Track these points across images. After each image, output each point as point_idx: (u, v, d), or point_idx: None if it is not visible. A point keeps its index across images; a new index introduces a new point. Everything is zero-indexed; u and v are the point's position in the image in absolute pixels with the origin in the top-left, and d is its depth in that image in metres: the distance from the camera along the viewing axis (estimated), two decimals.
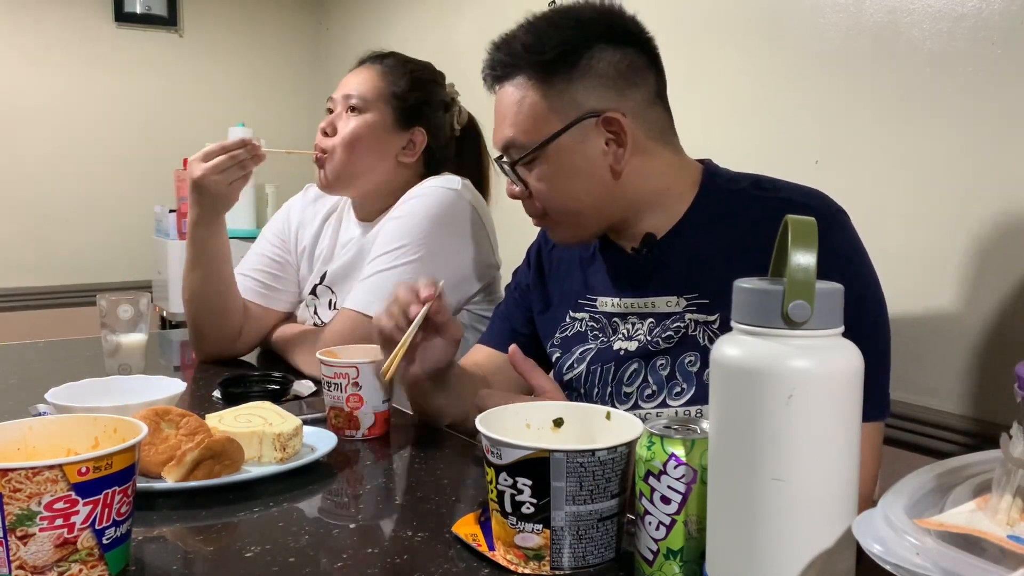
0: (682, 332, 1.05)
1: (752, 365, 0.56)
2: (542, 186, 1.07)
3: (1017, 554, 0.46)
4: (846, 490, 0.57)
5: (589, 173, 1.05)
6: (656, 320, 1.08)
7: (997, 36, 1.30)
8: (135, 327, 1.41)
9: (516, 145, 1.07)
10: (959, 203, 1.36)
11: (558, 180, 1.06)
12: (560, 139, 1.04)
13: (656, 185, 1.08)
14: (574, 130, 1.04)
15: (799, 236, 0.57)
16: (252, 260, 1.68)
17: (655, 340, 1.07)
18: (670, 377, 1.05)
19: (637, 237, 1.10)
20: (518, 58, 1.06)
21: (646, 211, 1.08)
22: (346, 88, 1.54)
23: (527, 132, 1.05)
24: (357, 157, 1.52)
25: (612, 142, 1.04)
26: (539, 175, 1.07)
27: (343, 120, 1.53)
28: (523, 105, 1.05)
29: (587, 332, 1.15)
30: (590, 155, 1.05)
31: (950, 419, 1.37)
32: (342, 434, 1.11)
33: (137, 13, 3.34)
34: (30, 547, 0.67)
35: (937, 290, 1.39)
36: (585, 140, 1.04)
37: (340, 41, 3.50)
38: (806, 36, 1.59)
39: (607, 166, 1.05)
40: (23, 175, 3.22)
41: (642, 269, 1.10)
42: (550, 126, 1.04)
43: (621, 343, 1.11)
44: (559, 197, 1.07)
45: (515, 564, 0.73)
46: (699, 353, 1.04)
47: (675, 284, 1.07)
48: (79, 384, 1.10)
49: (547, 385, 1.02)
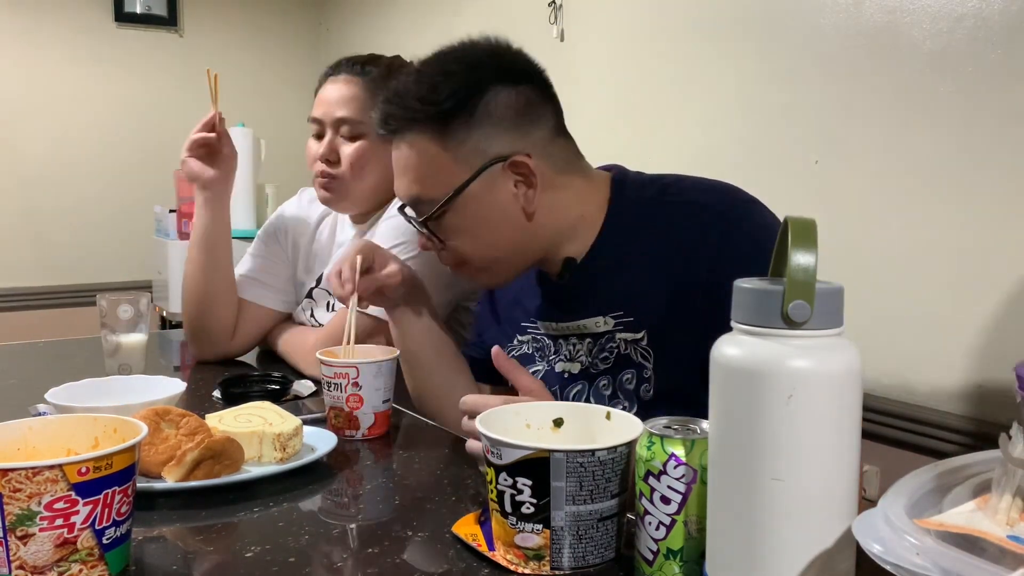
0: (616, 352, 1.05)
1: (752, 365, 0.56)
2: (456, 239, 1.05)
3: (1017, 554, 0.46)
4: (846, 490, 0.57)
5: (502, 219, 1.03)
6: (593, 339, 1.08)
7: (997, 36, 1.30)
8: (135, 327, 1.41)
9: (423, 201, 1.04)
10: (959, 203, 1.36)
11: (472, 230, 1.04)
12: (468, 189, 1.01)
13: (570, 215, 1.06)
14: (481, 178, 1.01)
15: (799, 236, 0.57)
16: (247, 261, 1.68)
17: (594, 361, 1.08)
18: (612, 397, 1.06)
19: (558, 265, 1.09)
20: (413, 112, 1.02)
21: (562, 242, 1.07)
22: (335, 110, 1.51)
23: (433, 187, 1.02)
24: (366, 179, 1.53)
25: (521, 184, 1.02)
26: (451, 228, 1.04)
27: (344, 146, 1.51)
28: (424, 159, 1.02)
29: (533, 354, 1.16)
30: (501, 201, 1.02)
31: (950, 419, 1.37)
32: (342, 434, 1.11)
33: (137, 13, 3.34)
34: (30, 547, 0.67)
35: (937, 290, 1.39)
36: (494, 186, 1.02)
37: (340, 41, 3.50)
38: (806, 36, 1.59)
39: (519, 209, 1.03)
40: (23, 175, 3.22)
41: (567, 293, 1.10)
42: (455, 177, 1.01)
43: (564, 364, 1.11)
44: (474, 247, 1.05)
45: (515, 564, 0.73)
46: (634, 370, 1.04)
47: (600, 304, 1.06)
48: (79, 384, 1.10)
49: (532, 385, 1.01)
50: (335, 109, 1.51)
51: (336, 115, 1.51)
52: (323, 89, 1.55)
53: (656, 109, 1.97)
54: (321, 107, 1.53)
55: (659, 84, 1.98)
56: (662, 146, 2.01)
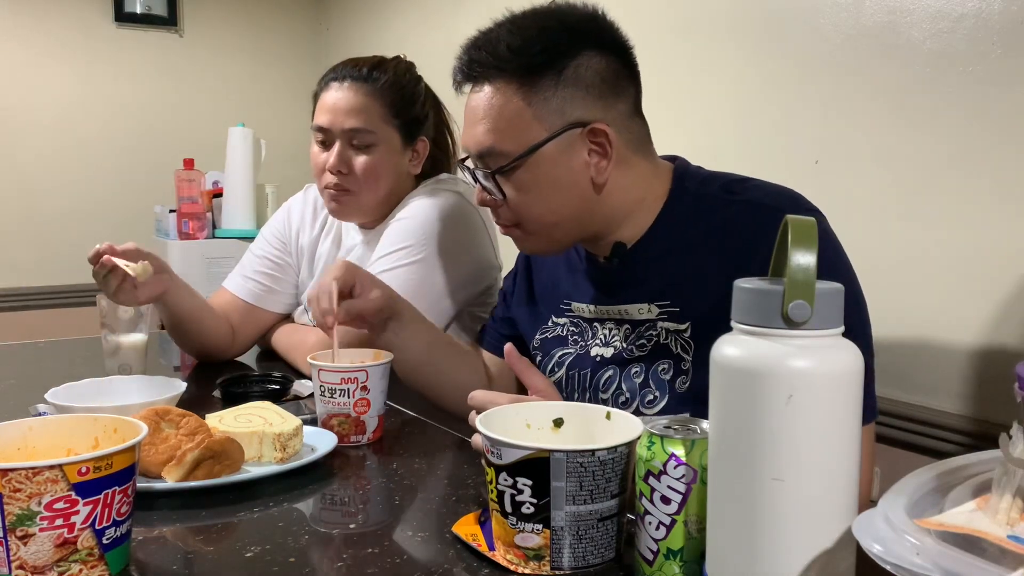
0: (655, 340, 1.04)
1: (752, 365, 0.56)
2: (520, 196, 1.03)
3: (1017, 554, 0.46)
4: (846, 490, 0.57)
5: (570, 184, 1.02)
6: (632, 327, 1.07)
7: (997, 36, 1.30)
8: (135, 327, 1.41)
9: (496, 153, 1.02)
10: (959, 202, 1.36)
11: (538, 191, 1.02)
12: (544, 149, 1.00)
13: (632, 197, 1.06)
14: (559, 140, 1.00)
15: (799, 236, 0.57)
16: (251, 262, 1.67)
17: (630, 348, 1.07)
18: (643, 385, 1.05)
19: (608, 247, 1.08)
20: (502, 60, 1.00)
21: (618, 223, 1.06)
22: (344, 120, 1.48)
23: (508, 140, 1.01)
24: (379, 189, 1.52)
25: (595, 153, 1.01)
26: (518, 185, 1.02)
27: (357, 157, 1.49)
28: (505, 111, 1.01)
29: (567, 336, 1.15)
30: (573, 166, 1.01)
31: (950, 419, 1.37)
32: (347, 440, 1.09)
33: (137, 13, 3.34)
34: (30, 547, 0.67)
35: (937, 290, 1.39)
36: (569, 150, 1.01)
37: (340, 41, 3.50)
38: (806, 36, 1.59)
39: (588, 178, 1.02)
40: (23, 175, 3.22)
41: (614, 278, 1.09)
42: (533, 134, 1.00)
43: (598, 349, 1.10)
44: (537, 208, 1.04)
45: (515, 564, 0.73)
46: (672, 361, 1.03)
47: (646, 292, 1.06)
48: (79, 384, 1.10)
49: (542, 384, 1.01)
50: (344, 119, 1.48)
51: (346, 126, 1.48)
52: (327, 95, 1.51)
53: (656, 109, 1.96)
54: (327, 115, 1.49)
55: (659, 84, 1.98)
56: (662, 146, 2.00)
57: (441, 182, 1.56)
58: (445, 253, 1.47)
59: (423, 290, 1.44)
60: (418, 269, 1.44)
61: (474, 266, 1.51)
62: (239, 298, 1.61)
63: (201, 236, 2.91)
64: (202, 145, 3.25)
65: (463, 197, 1.51)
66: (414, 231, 1.46)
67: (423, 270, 1.44)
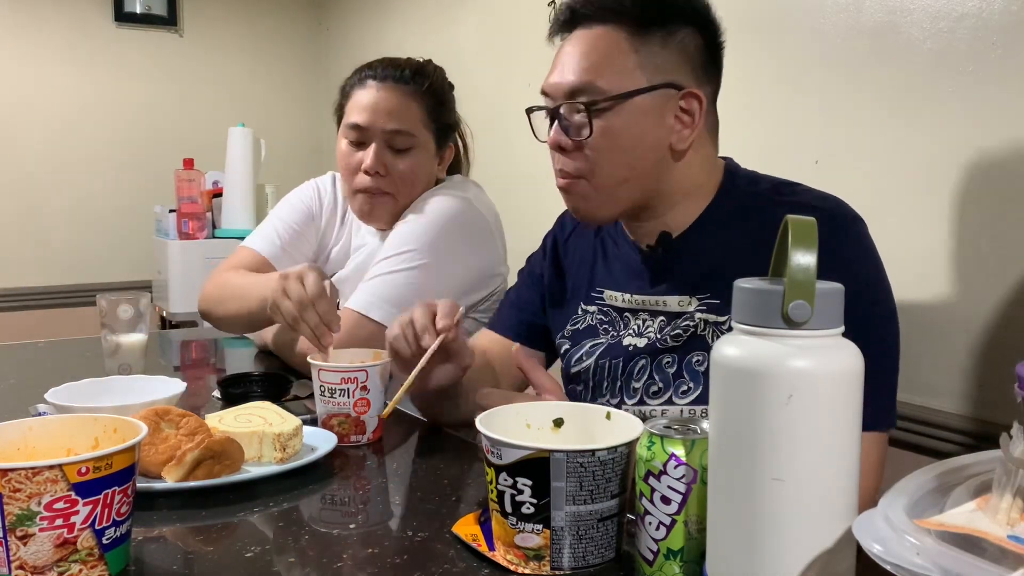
0: (691, 331, 1.04)
1: (752, 365, 0.56)
2: (603, 140, 1.03)
3: (1017, 554, 0.46)
4: (846, 490, 0.57)
5: (652, 142, 1.03)
6: (667, 318, 1.07)
7: (997, 36, 1.30)
8: (135, 327, 1.41)
9: (593, 89, 1.02)
10: (959, 203, 1.36)
11: (620, 139, 1.02)
12: (639, 97, 1.01)
13: (694, 178, 1.07)
14: (655, 94, 1.02)
15: (799, 236, 0.57)
16: (276, 225, 1.64)
17: (663, 338, 1.07)
18: (677, 375, 1.05)
19: (653, 233, 1.09)
20: (622, 5, 1.02)
21: (672, 203, 1.07)
22: (385, 121, 1.46)
23: (608, 79, 1.01)
24: (414, 193, 1.51)
25: (680, 120, 1.03)
26: (604, 127, 1.02)
27: (397, 161, 1.48)
28: (612, 52, 1.02)
29: (597, 326, 1.15)
30: (660, 125, 1.03)
31: (950, 419, 1.37)
32: (347, 440, 1.09)
33: (137, 13, 3.34)
34: (30, 547, 0.67)
35: (937, 290, 1.39)
36: (661, 109, 1.02)
37: (340, 41, 3.50)
38: (806, 36, 1.59)
39: (669, 143, 1.04)
40: (23, 175, 3.22)
41: (655, 267, 1.09)
42: (633, 81, 1.01)
43: (631, 339, 1.10)
44: (615, 158, 1.03)
45: (515, 564, 0.73)
46: (707, 352, 1.03)
47: (687, 284, 1.06)
48: (79, 384, 1.10)
49: (548, 383, 1.02)
50: (386, 120, 1.46)
51: (388, 127, 1.46)
52: (363, 93, 1.49)
53: None
54: (366, 114, 1.47)
55: None
56: None
57: (451, 186, 1.55)
58: (449, 259, 1.46)
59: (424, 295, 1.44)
60: (420, 274, 1.43)
61: (478, 272, 1.51)
62: (264, 257, 1.60)
63: (201, 236, 2.91)
64: (202, 145, 3.25)
65: (472, 203, 1.51)
66: (419, 235, 1.46)
67: (425, 275, 1.44)
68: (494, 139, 2.19)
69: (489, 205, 1.56)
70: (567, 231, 1.26)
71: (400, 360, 1.07)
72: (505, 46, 2.49)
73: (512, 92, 2.38)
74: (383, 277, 1.44)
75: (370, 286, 1.45)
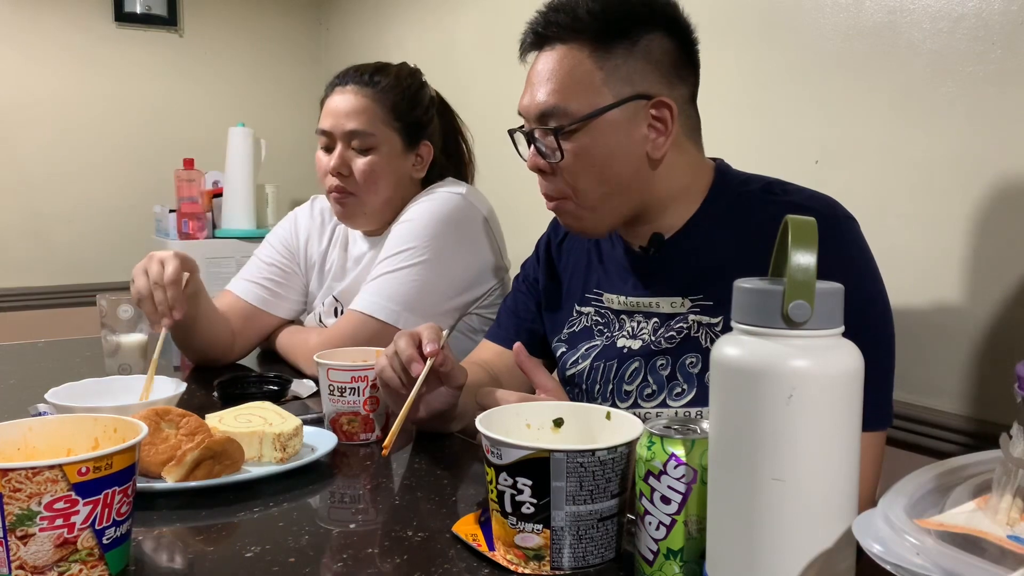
0: (684, 333, 1.04)
1: (752, 365, 0.56)
2: (577, 162, 1.03)
3: (1017, 554, 0.46)
4: (846, 490, 0.57)
5: (627, 155, 1.03)
6: (660, 320, 1.07)
7: (997, 36, 1.30)
8: (135, 327, 1.41)
9: (560, 113, 1.02)
10: (959, 203, 1.36)
11: (595, 157, 1.02)
12: (608, 114, 1.01)
13: (681, 182, 1.07)
14: (623, 108, 1.01)
15: (799, 236, 0.57)
16: (258, 267, 1.66)
17: (657, 340, 1.06)
18: (671, 377, 1.05)
19: (645, 236, 1.09)
20: (580, 23, 1.01)
21: (662, 208, 1.07)
22: (345, 122, 1.49)
23: (574, 100, 1.01)
24: (380, 192, 1.52)
25: (654, 128, 1.02)
26: (577, 148, 1.02)
27: (356, 160, 1.50)
28: (576, 72, 1.01)
29: (592, 327, 1.15)
30: (633, 137, 1.02)
31: (950, 419, 1.37)
32: (356, 439, 1.09)
33: (137, 13, 3.34)
34: (30, 547, 0.67)
35: (937, 290, 1.39)
36: (632, 121, 1.02)
37: (340, 41, 3.50)
38: (806, 36, 1.59)
39: (645, 152, 1.03)
40: (23, 175, 3.22)
41: (648, 268, 1.09)
42: (600, 98, 1.01)
43: (625, 341, 1.10)
44: (593, 176, 1.03)
45: (515, 564, 0.73)
46: (700, 355, 1.03)
47: (680, 285, 1.06)
48: (79, 384, 1.10)
49: (549, 384, 1.02)
50: (345, 121, 1.49)
51: (347, 128, 1.49)
52: (331, 100, 1.53)
53: None
54: (329, 119, 1.51)
55: None
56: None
57: (446, 185, 1.56)
58: (449, 254, 1.47)
59: (427, 291, 1.44)
60: (422, 271, 1.44)
61: (479, 267, 1.51)
62: (245, 301, 1.61)
63: (201, 236, 2.91)
64: (202, 145, 3.25)
65: (466, 198, 1.51)
66: (418, 233, 1.46)
67: (427, 271, 1.44)
68: (493, 139, 2.18)
69: (484, 201, 1.56)
70: (560, 234, 1.26)
71: (392, 393, 1.05)
72: (505, 46, 2.49)
73: (512, 92, 2.38)
74: (386, 276, 1.45)
75: (372, 286, 1.45)
